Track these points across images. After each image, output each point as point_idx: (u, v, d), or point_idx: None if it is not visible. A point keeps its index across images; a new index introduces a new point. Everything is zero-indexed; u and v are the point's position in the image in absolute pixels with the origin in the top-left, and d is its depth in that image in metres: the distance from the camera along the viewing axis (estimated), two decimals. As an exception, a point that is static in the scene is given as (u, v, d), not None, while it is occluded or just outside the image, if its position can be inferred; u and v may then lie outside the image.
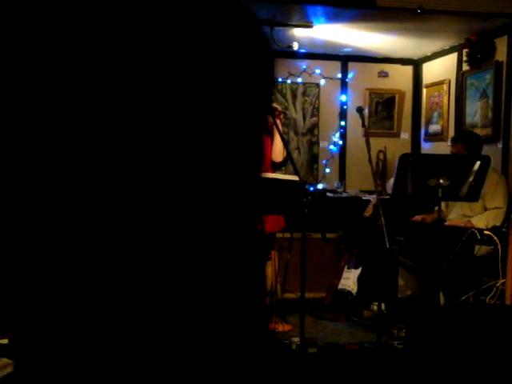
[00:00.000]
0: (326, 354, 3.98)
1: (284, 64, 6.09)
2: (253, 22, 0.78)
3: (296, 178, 3.32)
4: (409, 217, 4.88)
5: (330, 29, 5.16)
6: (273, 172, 3.91)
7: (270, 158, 4.00)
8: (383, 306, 5.25)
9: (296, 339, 4.23)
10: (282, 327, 4.64)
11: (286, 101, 6.11)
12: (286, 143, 4.04)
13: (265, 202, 3.34)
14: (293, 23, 4.97)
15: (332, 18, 4.81)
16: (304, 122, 6.14)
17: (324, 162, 6.23)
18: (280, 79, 6.11)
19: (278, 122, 3.86)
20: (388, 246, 3.63)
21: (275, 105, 4.28)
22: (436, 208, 4.09)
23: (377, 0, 4.42)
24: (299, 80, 6.18)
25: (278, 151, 3.98)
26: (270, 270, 4.74)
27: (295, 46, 5.46)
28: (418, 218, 4.88)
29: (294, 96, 6.15)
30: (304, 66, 6.17)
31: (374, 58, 6.26)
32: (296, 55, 5.94)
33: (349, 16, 4.76)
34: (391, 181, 5.40)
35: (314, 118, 6.23)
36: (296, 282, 5.54)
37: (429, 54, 6.22)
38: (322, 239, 3.54)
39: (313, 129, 6.22)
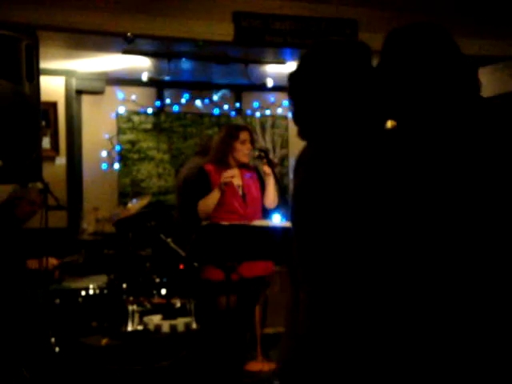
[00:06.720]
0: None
1: (253, 96, 6.12)
2: None
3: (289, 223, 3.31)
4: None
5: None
6: (263, 217, 3.87)
7: (262, 204, 3.94)
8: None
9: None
10: (267, 366, 4.58)
11: (256, 133, 6.13)
12: (282, 191, 4.01)
13: (255, 248, 3.34)
14: (267, 60, 5.03)
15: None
16: (274, 154, 6.17)
17: (295, 192, 6.27)
18: (249, 112, 6.15)
19: (271, 170, 3.82)
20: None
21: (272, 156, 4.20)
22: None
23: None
24: (268, 113, 6.22)
25: (272, 199, 3.91)
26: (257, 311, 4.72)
27: (269, 83, 5.51)
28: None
29: (263, 129, 6.18)
30: (272, 99, 6.21)
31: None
32: (265, 88, 5.98)
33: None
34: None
35: (284, 150, 6.27)
36: (275, 316, 5.54)
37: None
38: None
39: (283, 161, 6.26)
